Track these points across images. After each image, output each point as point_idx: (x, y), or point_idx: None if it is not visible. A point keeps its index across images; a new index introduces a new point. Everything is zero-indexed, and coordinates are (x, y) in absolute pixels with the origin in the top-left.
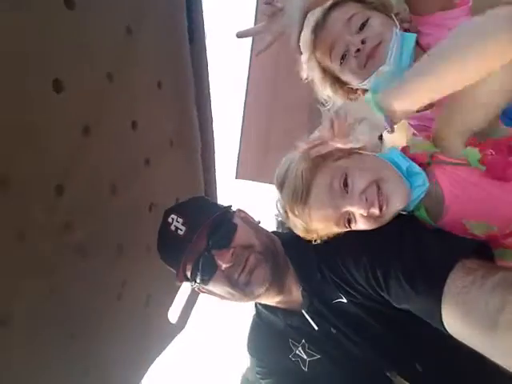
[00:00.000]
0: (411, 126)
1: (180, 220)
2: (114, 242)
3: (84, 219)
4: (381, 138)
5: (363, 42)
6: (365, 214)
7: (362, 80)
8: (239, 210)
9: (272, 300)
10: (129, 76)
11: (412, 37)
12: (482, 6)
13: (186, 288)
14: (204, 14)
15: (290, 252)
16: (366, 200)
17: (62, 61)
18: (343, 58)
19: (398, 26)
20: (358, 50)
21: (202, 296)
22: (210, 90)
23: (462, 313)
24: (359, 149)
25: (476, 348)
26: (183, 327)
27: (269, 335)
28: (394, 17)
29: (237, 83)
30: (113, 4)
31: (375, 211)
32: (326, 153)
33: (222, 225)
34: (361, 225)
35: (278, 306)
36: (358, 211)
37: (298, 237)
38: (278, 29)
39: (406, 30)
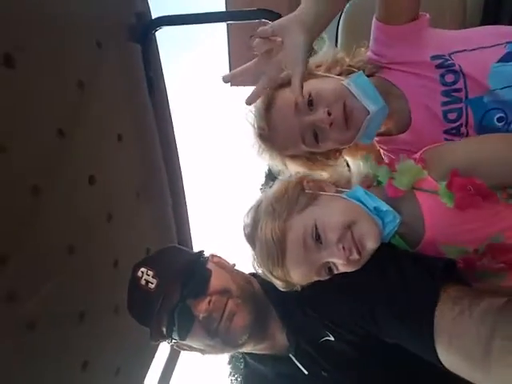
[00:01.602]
0: (385, 150)
1: (150, 273)
2: (74, 308)
3: (32, 288)
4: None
5: (329, 114)
6: (345, 263)
7: (352, 139)
8: (212, 256)
9: (257, 347)
10: (83, 131)
11: (360, 75)
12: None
13: (162, 352)
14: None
15: (269, 293)
16: (344, 249)
17: (3, 123)
18: (316, 138)
19: (344, 78)
20: (331, 124)
21: (181, 360)
22: (176, 140)
23: (456, 347)
24: (323, 187)
25: (473, 380)
26: None
27: None
28: (329, 74)
29: None
30: (60, 60)
31: (354, 256)
32: (290, 204)
33: (195, 272)
34: (342, 269)
35: (265, 352)
36: (337, 261)
37: None
38: (277, 69)
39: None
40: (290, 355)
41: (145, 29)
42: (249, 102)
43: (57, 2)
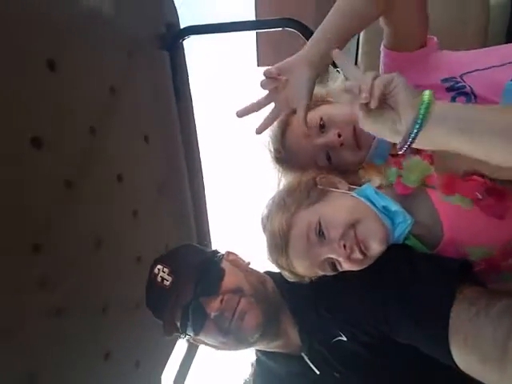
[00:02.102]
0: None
1: (166, 270)
2: (98, 300)
3: (63, 277)
4: None
5: (339, 136)
6: (346, 261)
7: (363, 159)
8: (228, 253)
9: (270, 345)
10: (113, 131)
11: None
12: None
13: (180, 348)
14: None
15: (283, 292)
16: (345, 247)
17: (41, 119)
18: (329, 159)
19: None
20: (342, 144)
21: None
22: (198, 142)
23: (471, 348)
24: (336, 184)
25: (488, 382)
26: None
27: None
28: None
29: None
30: (96, 67)
31: (357, 255)
32: (300, 197)
33: (209, 271)
34: (346, 267)
35: (278, 350)
36: (338, 258)
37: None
38: (285, 103)
39: None
40: (303, 354)
41: (173, 38)
42: (259, 131)
43: (93, 14)
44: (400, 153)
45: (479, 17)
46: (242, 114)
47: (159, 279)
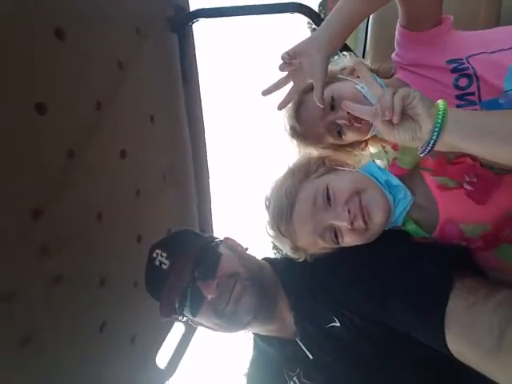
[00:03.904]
0: None
1: (164, 254)
2: (96, 273)
3: (63, 245)
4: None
5: (349, 113)
6: (349, 227)
7: (367, 134)
8: (227, 239)
9: (264, 328)
10: (118, 107)
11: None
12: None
13: (177, 329)
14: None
15: (280, 276)
16: (349, 212)
17: (48, 85)
18: (339, 132)
19: (356, 81)
20: (350, 120)
21: (195, 338)
22: (205, 128)
23: (466, 335)
24: (342, 165)
25: (481, 370)
26: (172, 373)
27: (264, 368)
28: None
29: None
30: (103, 40)
31: (359, 223)
32: (309, 169)
33: (206, 255)
34: (347, 239)
35: (273, 334)
36: (341, 223)
37: (292, 260)
38: (302, 83)
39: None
40: (297, 339)
41: (182, 20)
42: (280, 107)
43: None
44: (422, 155)
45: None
46: (266, 93)
47: (157, 263)
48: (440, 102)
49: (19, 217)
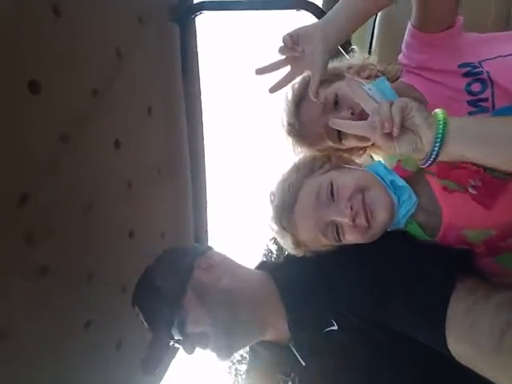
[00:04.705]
0: None
1: (141, 315)
2: (84, 267)
3: (50, 234)
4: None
5: (352, 113)
6: (350, 223)
7: (368, 140)
8: (195, 284)
9: (253, 341)
10: (115, 95)
11: (382, 81)
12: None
13: None
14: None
15: (279, 280)
16: (351, 209)
17: (43, 63)
18: (339, 136)
19: (364, 82)
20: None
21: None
22: (203, 125)
23: (467, 337)
24: (348, 163)
25: (482, 372)
26: (160, 379)
27: (260, 372)
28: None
29: None
30: (101, 24)
31: (361, 221)
32: (314, 165)
33: (173, 316)
34: (349, 236)
35: (268, 339)
36: (343, 219)
37: (293, 262)
38: (299, 70)
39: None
40: (290, 345)
41: (185, 12)
42: (272, 91)
43: None
44: (423, 167)
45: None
46: (260, 72)
47: (140, 319)
48: (438, 110)
49: (5, 200)
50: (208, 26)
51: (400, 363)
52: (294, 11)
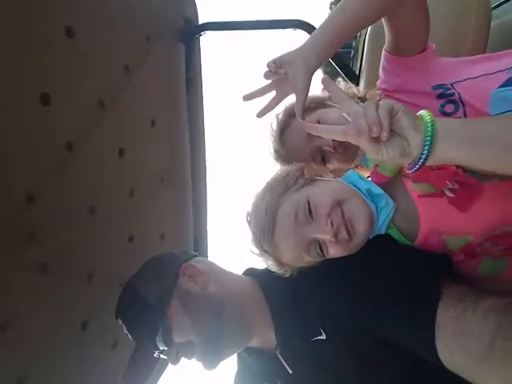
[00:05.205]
0: None
1: (124, 327)
2: (84, 267)
3: (53, 234)
4: None
5: (334, 140)
6: (333, 240)
7: (352, 163)
8: (180, 292)
9: (239, 348)
10: (121, 108)
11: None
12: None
13: None
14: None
15: (265, 290)
16: (332, 225)
17: (55, 78)
18: (323, 159)
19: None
20: (335, 148)
21: None
22: (205, 138)
23: (456, 343)
24: (321, 174)
25: (472, 380)
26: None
27: (247, 379)
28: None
29: None
30: (113, 42)
31: (343, 235)
32: (288, 182)
33: (157, 328)
34: (332, 251)
35: (254, 346)
36: (325, 237)
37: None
38: (284, 94)
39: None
40: (277, 353)
41: (190, 32)
42: (259, 115)
43: None
44: (410, 172)
45: (480, 25)
46: (247, 98)
47: (124, 331)
48: (424, 112)
49: (12, 200)
50: (212, 44)
51: (388, 374)
52: (291, 31)
